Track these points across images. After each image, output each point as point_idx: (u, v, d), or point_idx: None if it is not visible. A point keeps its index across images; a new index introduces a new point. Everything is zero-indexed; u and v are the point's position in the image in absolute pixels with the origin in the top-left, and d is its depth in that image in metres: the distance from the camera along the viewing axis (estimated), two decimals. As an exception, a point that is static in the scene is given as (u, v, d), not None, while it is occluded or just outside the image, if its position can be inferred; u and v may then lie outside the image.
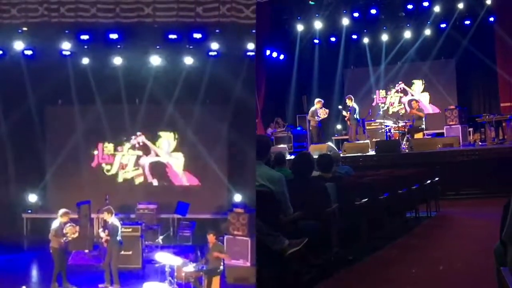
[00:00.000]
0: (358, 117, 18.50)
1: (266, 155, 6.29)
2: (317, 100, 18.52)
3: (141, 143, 17.17)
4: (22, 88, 15.84)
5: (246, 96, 14.66)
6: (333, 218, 6.99)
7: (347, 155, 16.30)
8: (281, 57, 21.92)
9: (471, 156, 15.16)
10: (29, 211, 15.76)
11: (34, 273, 11.56)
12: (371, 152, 16.63)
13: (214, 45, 14.92)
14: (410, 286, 6.95)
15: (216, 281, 10.14)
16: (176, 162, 17.02)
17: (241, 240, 11.51)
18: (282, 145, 17.86)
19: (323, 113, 18.12)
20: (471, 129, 18.27)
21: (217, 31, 14.42)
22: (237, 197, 15.50)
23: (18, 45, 14.82)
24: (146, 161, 17.17)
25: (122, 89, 16.35)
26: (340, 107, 19.37)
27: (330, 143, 17.87)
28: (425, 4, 19.55)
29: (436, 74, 21.10)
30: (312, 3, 19.87)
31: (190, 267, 10.06)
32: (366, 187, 8.62)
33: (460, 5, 19.26)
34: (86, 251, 13.30)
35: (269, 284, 5.99)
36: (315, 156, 8.41)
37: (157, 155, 17.14)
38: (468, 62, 20.34)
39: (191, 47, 15.44)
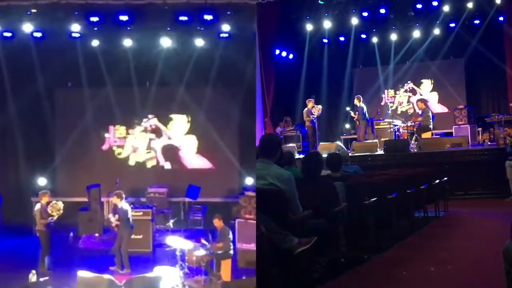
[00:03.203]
0: (367, 117, 18.50)
1: (276, 154, 6.31)
2: (307, 100, 18.52)
3: (153, 126, 17.09)
4: (32, 71, 15.83)
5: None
6: (342, 217, 7.01)
7: (355, 154, 16.30)
8: (290, 56, 21.97)
9: (480, 156, 15.13)
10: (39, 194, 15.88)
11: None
12: (380, 152, 16.62)
13: (225, 27, 14.83)
14: (419, 285, 6.96)
15: (227, 264, 10.17)
16: (189, 145, 16.90)
17: (253, 224, 11.45)
18: (291, 144, 17.88)
19: (316, 111, 18.10)
20: (480, 129, 18.22)
21: (228, 12, 14.38)
22: (249, 181, 15.35)
23: (27, 27, 14.79)
24: (158, 144, 17.09)
25: (132, 71, 16.34)
26: (348, 108, 19.36)
27: (338, 142, 17.87)
28: (434, 3, 19.50)
29: (445, 74, 21.05)
30: (322, 2, 19.86)
31: (201, 251, 10.10)
32: (375, 187, 8.62)
33: (470, 5, 19.20)
34: (97, 235, 13.39)
35: (277, 282, 6.01)
36: (324, 155, 8.42)
37: (169, 138, 17.05)
38: (477, 62, 20.28)
39: (202, 29, 15.36)
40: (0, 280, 10.19)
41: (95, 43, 16.06)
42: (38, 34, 15.09)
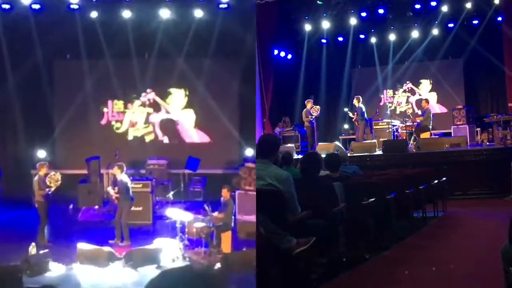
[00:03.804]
0: (366, 117, 18.50)
1: (274, 155, 6.31)
2: (306, 101, 18.52)
3: (151, 100, 17.07)
4: (30, 43, 15.74)
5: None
6: (341, 217, 7.01)
7: (354, 154, 16.28)
8: (289, 56, 21.96)
9: (478, 156, 15.12)
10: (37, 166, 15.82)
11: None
12: (378, 152, 16.61)
13: None
14: (417, 285, 6.96)
15: (227, 236, 10.14)
16: (187, 119, 16.87)
17: (253, 195, 11.44)
18: (289, 145, 17.86)
19: (315, 111, 18.11)
20: (478, 129, 18.21)
21: None
22: (249, 152, 15.27)
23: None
24: (156, 118, 17.07)
25: (132, 43, 16.27)
26: (346, 109, 19.35)
27: (337, 143, 17.85)
28: (433, 3, 19.51)
29: (443, 74, 21.06)
30: (320, 2, 19.86)
31: (201, 223, 10.07)
32: (374, 187, 8.62)
33: (468, 5, 19.19)
34: (96, 207, 13.38)
35: (276, 283, 6.00)
36: (323, 156, 8.42)
37: (167, 112, 17.03)
38: (476, 62, 20.30)
39: (201, 0, 15.30)
40: (0, 252, 10.16)
41: (93, 14, 15.99)
42: (37, 6, 15.08)
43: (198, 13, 15.78)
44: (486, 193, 14.44)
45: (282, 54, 21.49)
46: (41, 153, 15.69)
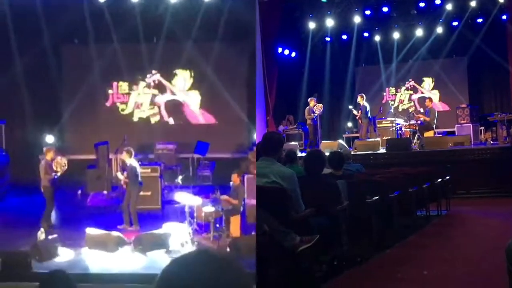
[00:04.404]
0: (370, 115, 18.48)
1: (278, 152, 6.31)
2: (309, 99, 18.50)
3: (156, 81, 17.06)
4: (38, 28, 15.72)
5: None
6: (344, 215, 7.01)
7: (357, 152, 16.27)
8: (293, 54, 21.95)
9: (482, 155, 15.10)
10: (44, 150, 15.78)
11: (52, 214, 11.48)
12: (382, 150, 16.59)
13: None
14: (420, 284, 6.96)
15: (236, 220, 10.12)
16: (193, 100, 16.86)
17: None
18: (293, 143, 17.85)
19: (318, 109, 18.10)
20: (482, 128, 18.19)
21: None
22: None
23: None
24: (161, 99, 17.08)
25: (140, 27, 16.26)
26: (350, 107, 19.34)
27: (340, 141, 17.84)
28: (437, 2, 19.48)
29: (447, 72, 21.03)
30: (324, 0, 19.83)
31: (210, 207, 10.06)
32: (377, 185, 8.62)
33: (473, 3, 19.15)
34: (105, 192, 13.37)
35: (279, 280, 6.01)
36: (326, 154, 8.42)
37: (172, 93, 17.02)
38: (480, 61, 20.27)
39: None
40: (9, 238, 10.22)
41: None
42: None
43: None
44: (490, 192, 14.41)
45: (286, 52, 21.48)
46: (49, 138, 15.58)
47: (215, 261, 1.68)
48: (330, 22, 20.56)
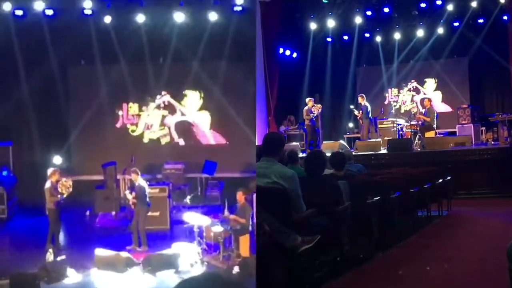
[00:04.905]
0: (371, 115, 18.49)
1: (279, 153, 6.31)
2: (308, 99, 18.48)
3: (166, 103, 17.06)
4: (44, 49, 15.74)
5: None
6: (345, 216, 7.01)
7: (359, 153, 16.28)
8: (294, 55, 21.97)
9: (483, 155, 15.10)
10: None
11: (60, 235, 11.44)
12: (383, 151, 16.61)
13: (239, 0, 14.71)
14: (421, 285, 6.96)
15: (245, 240, 10.09)
16: (203, 121, 16.86)
17: None
18: (294, 143, 17.87)
19: (316, 109, 18.11)
20: (483, 128, 18.19)
21: None
22: None
23: (39, 5, 14.81)
24: (171, 120, 17.06)
25: (146, 47, 16.25)
26: (351, 106, 19.34)
27: (342, 141, 17.86)
28: (438, 2, 19.47)
29: (448, 73, 21.05)
30: (325, 1, 19.86)
31: (219, 227, 10.04)
32: (378, 186, 8.62)
33: (474, 4, 19.16)
34: (113, 213, 13.37)
35: (280, 281, 6.02)
36: (328, 154, 8.43)
37: (182, 114, 17.02)
38: (481, 61, 20.28)
39: (215, 2, 15.28)
40: (17, 259, 10.24)
41: (107, 19, 15.96)
42: (50, 12, 15.06)
43: (213, 16, 15.74)
44: (491, 192, 14.42)
45: (288, 52, 21.49)
46: (57, 159, 15.56)
47: (223, 284, 1.69)
48: (331, 23, 20.57)
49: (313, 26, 20.86)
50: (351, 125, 20.67)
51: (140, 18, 15.95)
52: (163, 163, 15.54)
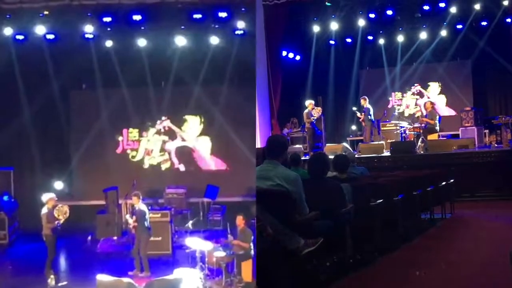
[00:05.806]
0: (373, 118, 18.48)
1: (282, 155, 6.32)
2: (308, 102, 18.44)
3: (166, 128, 17.04)
4: (45, 74, 15.76)
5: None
6: (348, 218, 7.02)
7: (362, 155, 16.28)
8: (297, 58, 21.97)
9: (486, 158, 15.09)
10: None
11: (61, 261, 11.54)
12: (386, 153, 16.61)
13: (240, 24, 14.69)
14: (424, 287, 6.97)
15: (247, 265, 10.07)
16: (203, 147, 16.84)
17: None
18: (297, 146, 17.87)
19: (316, 113, 18.11)
20: (486, 131, 18.16)
21: (242, 9, 14.28)
22: None
23: (40, 30, 14.76)
24: (172, 146, 17.05)
25: (147, 71, 16.24)
26: (354, 108, 19.35)
27: (345, 144, 17.87)
28: (442, 5, 19.42)
29: (452, 75, 21.03)
30: (328, 4, 19.84)
31: (221, 252, 10.03)
32: (381, 188, 8.64)
33: (477, 6, 19.14)
34: (115, 238, 13.32)
35: (284, 283, 6.02)
36: (331, 157, 8.44)
37: (183, 139, 17.00)
38: (484, 63, 20.28)
39: (216, 26, 15.24)
40: (19, 285, 10.27)
41: (108, 43, 16.00)
42: (51, 36, 15.05)
43: (214, 40, 15.70)
44: (494, 195, 14.40)
45: (291, 55, 21.50)
46: (58, 185, 15.48)
47: None
48: (334, 26, 20.57)
49: (316, 28, 20.86)
50: (354, 127, 20.65)
51: (142, 42, 15.96)
52: (165, 188, 15.52)
